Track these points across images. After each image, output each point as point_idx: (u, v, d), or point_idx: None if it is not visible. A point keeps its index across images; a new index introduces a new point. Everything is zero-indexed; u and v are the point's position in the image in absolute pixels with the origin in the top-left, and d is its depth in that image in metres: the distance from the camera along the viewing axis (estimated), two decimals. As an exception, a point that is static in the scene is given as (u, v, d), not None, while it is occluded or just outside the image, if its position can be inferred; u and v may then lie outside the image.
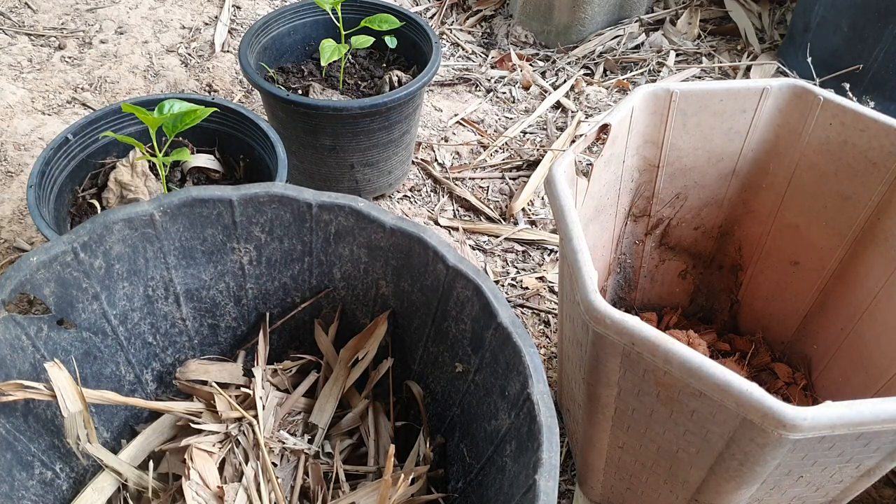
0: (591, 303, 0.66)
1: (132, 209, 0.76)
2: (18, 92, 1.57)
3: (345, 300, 0.90)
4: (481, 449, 0.75)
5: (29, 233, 1.29)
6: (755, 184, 1.01)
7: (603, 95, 1.72)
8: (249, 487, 0.77)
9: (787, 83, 0.92)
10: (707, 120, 0.94)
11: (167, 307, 0.84)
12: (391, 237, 0.80)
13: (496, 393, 0.72)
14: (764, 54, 1.84)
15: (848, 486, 0.73)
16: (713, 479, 0.72)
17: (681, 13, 1.99)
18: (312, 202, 0.80)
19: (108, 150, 1.08)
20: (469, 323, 0.76)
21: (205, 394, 0.85)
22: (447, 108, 1.66)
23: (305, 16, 1.39)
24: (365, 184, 1.35)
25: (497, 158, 1.53)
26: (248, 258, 0.85)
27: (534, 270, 1.30)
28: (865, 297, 0.93)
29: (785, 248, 1.02)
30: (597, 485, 0.91)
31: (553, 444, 0.61)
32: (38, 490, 0.72)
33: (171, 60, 1.72)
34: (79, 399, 0.71)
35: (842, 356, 0.97)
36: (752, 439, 0.62)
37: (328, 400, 0.87)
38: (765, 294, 1.08)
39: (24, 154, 1.44)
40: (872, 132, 0.88)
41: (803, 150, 0.95)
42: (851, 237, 0.94)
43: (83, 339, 0.76)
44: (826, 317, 1.00)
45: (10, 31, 1.74)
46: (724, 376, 0.60)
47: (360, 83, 1.35)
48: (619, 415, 0.76)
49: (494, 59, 1.83)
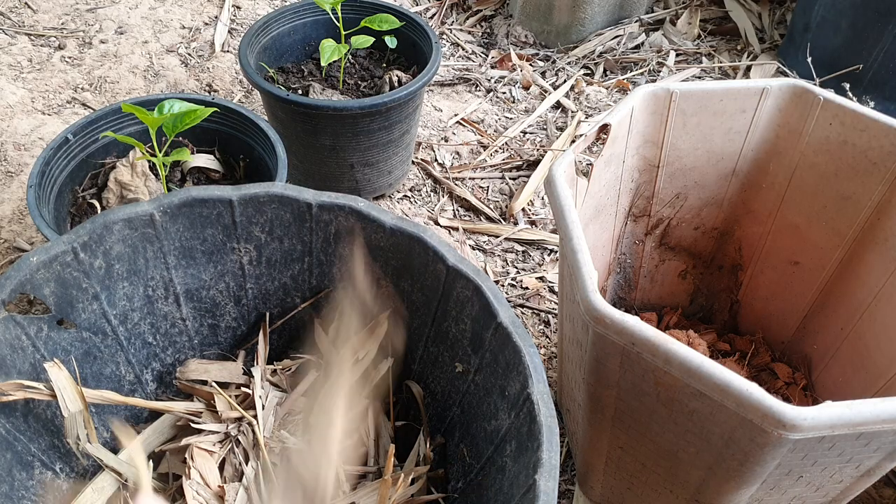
0: (591, 303, 0.66)
1: (132, 209, 0.76)
2: (18, 92, 1.57)
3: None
4: (481, 449, 0.75)
5: (29, 233, 1.29)
6: (755, 184, 1.01)
7: (603, 95, 1.72)
8: (250, 487, 0.77)
9: (787, 83, 0.92)
10: (707, 120, 0.94)
11: (167, 307, 0.84)
12: (391, 237, 0.80)
13: (496, 393, 0.72)
14: (764, 54, 1.84)
15: (848, 486, 0.73)
16: (713, 479, 0.72)
17: (681, 13, 1.99)
18: (312, 202, 0.80)
19: (108, 150, 1.08)
20: (469, 323, 0.76)
21: (205, 394, 0.85)
22: (447, 108, 1.66)
23: (305, 16, 1.39)
24: (365, 184, 1.35)
25: (497, 158, 1.53)
26: (248, 258, 0.85)
27: (534, 270, 1.30)
28: (865, 297, 0.93)
29: (785, 248, 1.02)
30: (597, 485, 0.91)
31: (553, 444, 0.61)
32: (38, 490, 0.72)
33: (171, 60, 1.72)
34: (79, 399, 0.71)
35: (842, 356, 0.97)
36: (752, 439, 0.62)
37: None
38: (765, 294, 1.08)
39: (24, 154, 1.44)
40: (872, 132, 0.88)
41: (803, 150, 0.95)
42: (851, 237, 0.94)
43: (83, 339, 0.76)
44: (826, 317, 1.00)
45: (10, 31, 1.74)
46: (724, 376, 0.60)
47: (360, 83, 1.35)
48: (619, 415, 0.76)
49: (494, 59, 1.83)
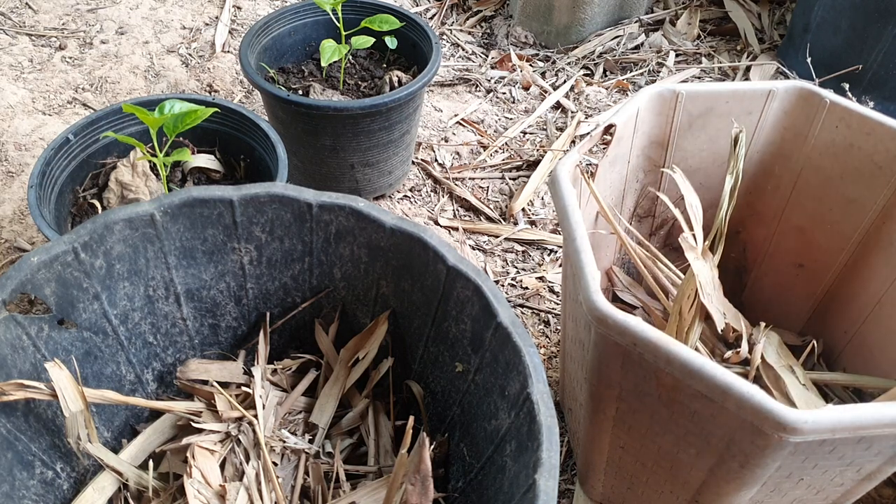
0: (594, 303, 0.66)
1: (133, 209, 0.76)
2: (19, 92, 1.57)
3: (345, 300, 0.90)
4: (481, 448, 0.75)
5: (30, 233, 1.29)
6: (760, 186, 1.01)
7: (603, 96, 1.72)
8: (250, 487, 0.77)
9: (794, 85, 0.92)
10: (713, 121, 0.94)
11: (168, 307, 0.84)
12: (391, 237, 0.80)
13: (496, 393, 0.72)
14: (763, 54, 1.84)
15: (849, 489, 0.73)
16: (713, 480, 0.72)
17: (680, 13, 1.99)
18: (313, 202, 0.80)
19: (108, 151, 1.08)
20: (469, 323, 0.76)
21: (205, 393, 0.85)
22: (447, 109, 1.66)
23: (306, 16, 1.39)
24: (365, 184, 1.35)
25: (497, 158, 1.53)
26: (249, 258, 0.85)
27: (534, 270, 1.30)
28: (870, 300, 0.93)
29: (790, 251, 1.02)
30: (597, 484, 0.91)
31: (553, 443, 0.61)
32: (39, 490, 0.72)
33: (172, 61, 1.72)
34: (79, 399, 0.71)
35: (845, 359, 0.97)
36: (753, 441, 0.62)
37: (328, 399, 0.87)
38: (769, 296, 1.08)
39: (24, 154, 1.44)
40: (878, 136, 0.88)
41: (809, 153, 0.95)
42: (856, 240, 0.94)
43: (84, 338, 0.76)
44: (830, 320, 1.00)
45: (11, 31, 1.74)
46: (726, 378, 0.60)
47: (361, 83, 1.35)
48: (620, 415, 0.76)
49: (494, 60, 1.83)
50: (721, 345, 0.97)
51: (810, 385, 0.92)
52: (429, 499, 0.67)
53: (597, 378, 0.73)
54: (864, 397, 0.93)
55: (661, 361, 0.63)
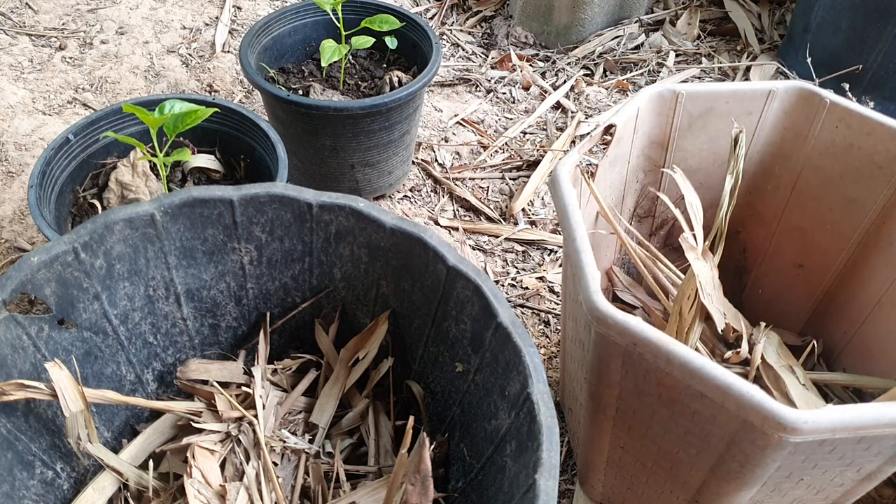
0: (594, 303, 0.66)
1: (133, 209, 0.76)
2: (19, 92, 1.57)
3: (345, 300, 0.90)
4: (481, 448, 0.75)
5: (30, 233, 1.29)
6: (760, 186, 1.01)
7: (603, 96, 1.72)
8: (250, 487, 0.77)
9: (794, 85, 0.92)
10: (713, 122, 0.94)
11: (168, 307, 0.84)
12: (391, 237, 0.80)
13: (496, 393, 0.72)
14: (763, 55, 1.84)
15: (849, 489, 0.73)
16: (713, 480, 0.72)
17: (680, 14, 1.99)
18: (313, 202, 0.80)
19: (108, 151, 1.08)
20: (469, 323, 0.76)
21: (205, 393, 0.85)
22: (447, 109, 1.66)
23: (306, 16, 1.39)
24: (365, 184, 1.35)
25: (497, 159, 1.53)
26: (249, 258, 0.85)
27: (534, 270, 1.30)
28: (870, 301, 0.93)
29: (789, 251, 1.02)
30: (598, 484, 0.91)
31: (553, 443, 0.61)
32: (39, 490, 0.72)
33: (172, 61, 1.72)
34: (80, 399, 0.71)
35: (845, 359, 0.97)
36: (753, 441, 0.62)
37: (328, 399, 0.87)
38: (769, 296, 1.08)
39: (24, 154, 1.44)
40: (878, 136, 0.88)
41: (809, 153, 0.95)
42: (856, 240, 0.94)
43: (84, 338, 0.76)
44: (830, 320, 1.00)
45: (11, 31, 1.74)
46: (725, 378, 0.60)
47: (361, 83, 1.35)
48: (620, 415, 0.76)
49: (494, 60, 1.83)
50: (721, 345, 0.97)
51: (810, 385, 0.92)
52: (429, 499, 0.67)
53: (597, 378, 0.73)
54: (864, 397, 0.93)
55: (662, 361, 0.63)
